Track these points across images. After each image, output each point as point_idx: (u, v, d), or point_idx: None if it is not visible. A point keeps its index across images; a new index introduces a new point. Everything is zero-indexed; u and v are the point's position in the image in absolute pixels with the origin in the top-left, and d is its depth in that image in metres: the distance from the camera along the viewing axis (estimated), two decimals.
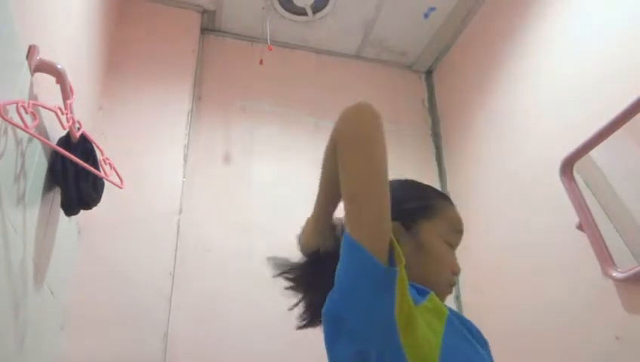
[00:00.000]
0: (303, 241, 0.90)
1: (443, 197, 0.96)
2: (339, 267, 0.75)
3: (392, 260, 0.70)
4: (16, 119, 1.00)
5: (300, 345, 1.80)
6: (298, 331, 0.97)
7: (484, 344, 0.83)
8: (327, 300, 0.77)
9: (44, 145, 1.22)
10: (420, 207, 0.90)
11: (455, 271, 0.89)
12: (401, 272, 0.70)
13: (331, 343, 0.76)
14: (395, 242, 0.71)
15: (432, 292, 0.80)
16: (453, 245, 0.91)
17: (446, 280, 0.88)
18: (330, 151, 0.80)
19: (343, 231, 0.77)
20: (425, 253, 0.86)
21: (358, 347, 0.70)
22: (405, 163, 2.27)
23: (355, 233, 0.71)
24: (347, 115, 0.79)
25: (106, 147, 1.47)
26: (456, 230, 0.92)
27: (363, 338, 0.70)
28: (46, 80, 1.19)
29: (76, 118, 1.30)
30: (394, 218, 0.77)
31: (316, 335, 0.92)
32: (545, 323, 1.63)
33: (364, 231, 0.71)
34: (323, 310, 0.78)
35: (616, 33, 1.55)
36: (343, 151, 0.76)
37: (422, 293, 0.79)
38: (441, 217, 0.90)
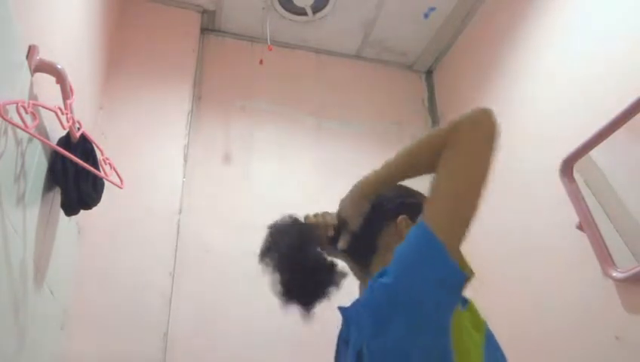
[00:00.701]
0: (359, 210, 0.91)
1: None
2: (403, 255, 0.75)
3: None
4: (16, 119, 1.00)
5: (300, 345, 1.80)
6: (297, 331, 0.97)
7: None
8: (374, 282, 0.76)
9: (44, 145, 1.22)
10: (420, 203, 0.92)
11: None
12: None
13: (379, 328, 0.73)
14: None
15: (472, 302, 0.80)
16: None
17: None
18: (434, 144, 0.80)
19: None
20: None
21: (409, 336, 0.70)
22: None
23: (440, 230, 0.72)
24: (481, 120, 0.80)
25: (106, 147, 1.47)
26: None
27: (416, 332, 0.70)
28: (46, 80, 1.19)
29: (76, 118, 1.30)
30: (401, 212, 0.88)
31: (316, 335, 0.92)
32: (545, 323, 1.63)
33: (451, 232, 0.73)
34: (369, 288, 0.77)
35: (617, 33, 1.55)
36: (469, 155, 0.76)
37: (463, 302, 0.80)
38: None
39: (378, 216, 0.92)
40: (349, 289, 0.92)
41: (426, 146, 0.83)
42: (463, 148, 0.77)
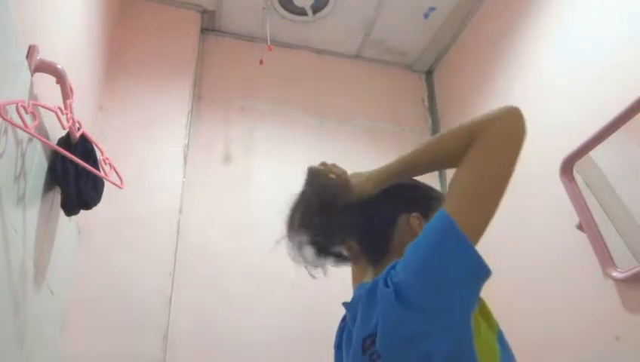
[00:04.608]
0: (359, 191, 0.88)
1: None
2: (424, 246, 0.73)
3: None
4: (17, 119, 1.00)
5: (300, 345, 1.80)
6: (298, 330, 0.96)
7: None
8: (388, 272, 0.74)
9: (44, 145, 1.22)
10: (430, 196, 0.92)
11: None
12: None
13: (386, 310, 0.71)
14: None
15: (483, 300, 0.79)
16: None
17: None
18: (462, 137, 0.79)
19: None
20: None
21: (429, 329, 0.67)
22: None
23: (463, 225, 0.71)
24: (515, 120, 0.81)
25: (105, 147, 1.47)
26: None
27: (438, 326, 0.67)
28: (46, 80, 1.19)
29: (76, 117, 1.30)
30: (413, 205, 0.86)
31: (316, 334, 0.92)
32: (545, 324, 1.63)
33: (474, 226, 0.72)
34: (381, 278, 0.74)
35: (617, 33, 1.55)
36: (497, 150, 0.77)
37: None
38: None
39: (391, 208, 0.88)
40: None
41: (455, 140, 0.81)
42: (493, 149, 0.77)
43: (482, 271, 0.71)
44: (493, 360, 0.71)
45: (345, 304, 0.86)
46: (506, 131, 0.79)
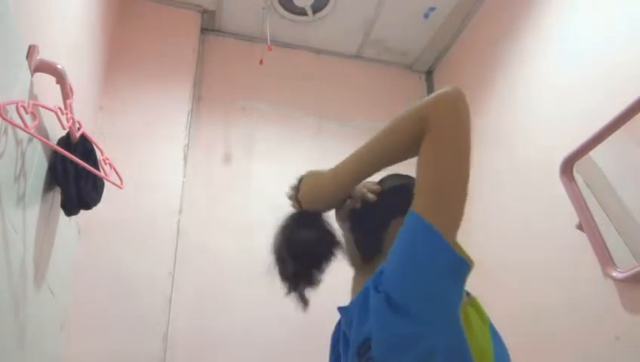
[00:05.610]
0: (326, 201, 0.90)
1: None
2: (401, 248, 0.73)
3: None
4: (17, 119, 0.99)
5: (300, 345, 1.81)
6: (297, 330, 0.96)
7: None
8: (377, 277, 0.75)
9: (44, 145, 1.22)
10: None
11: None
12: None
13: (378, 315, 0.72)
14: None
15: (475, 297, 0.79)
16: None
17: None
18: (412, 128, 0.76)
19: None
20: None
21: (421, 330, 0.68)
22: (404, 162, 2.27)
23: (434, 219, 0.70)
24: (454, 101, 0.76)
25: (106, 147, 1.47)
26: None
27: (428, 325, 0.68)
28: (46, 80, 1.19)
29: (76, 118, 1.30)
30: (399, 215, 0.80)
31: (317, 334, 0.92)
32: (545, 324, 1.63)
33: (445, 220, 0.71)
34: (371, 283, 0.75)
35: (617, 32, 1.55)
36: (447, 139, 0.74)
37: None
38: None
39: (383, 211, 0.88)
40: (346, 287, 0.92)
41: (401, 133, 0.79)
42: (444, 135, 0.74)
43: (461, 265, 0.70)
44: (487, 352, 0.71)
45: (339, 308, 0.86)
46: (450, 116, 0.75)
